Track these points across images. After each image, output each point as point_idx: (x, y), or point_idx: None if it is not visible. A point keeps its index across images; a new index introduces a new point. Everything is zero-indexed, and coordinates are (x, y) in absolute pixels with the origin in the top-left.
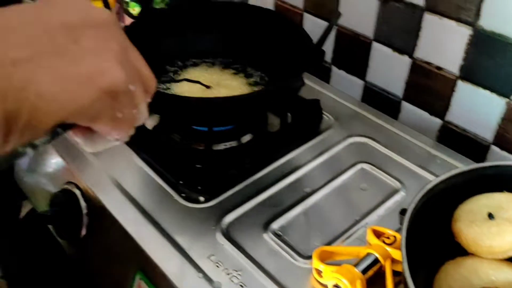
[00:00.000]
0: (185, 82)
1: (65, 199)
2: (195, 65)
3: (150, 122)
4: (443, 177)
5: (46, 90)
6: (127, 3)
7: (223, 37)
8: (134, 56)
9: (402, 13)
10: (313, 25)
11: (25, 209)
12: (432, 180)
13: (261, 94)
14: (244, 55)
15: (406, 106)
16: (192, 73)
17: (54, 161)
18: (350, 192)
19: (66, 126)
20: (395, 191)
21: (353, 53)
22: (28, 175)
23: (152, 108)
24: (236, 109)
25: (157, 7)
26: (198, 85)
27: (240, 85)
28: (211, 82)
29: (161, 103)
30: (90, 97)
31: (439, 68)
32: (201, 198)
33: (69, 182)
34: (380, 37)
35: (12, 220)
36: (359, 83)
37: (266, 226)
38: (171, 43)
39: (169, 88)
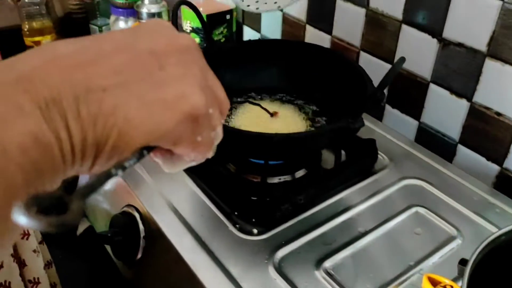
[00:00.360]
0: (243, 115)
1: (124, 221)
2: (253, 98)
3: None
4: (506, 229)
5: (133, 115)
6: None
7: (281, 73)
8: (212, 79)
9: (462, 57)
10: (369, 64)
11: (82, 226)
12: (495, 231)
13: (319, 134)
14: (302, 91)
15: (462, 150)
16: (249, 106)
17: (115, 183)
18: (404, 235)
19: (149, 148)
20: (451, 238)
21: (409, 93)
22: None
23: None
24: (293, 147)
25: (215, 38)
26: (255, 119)
27: (297, 120)
28: (267, 116)
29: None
30: (174, 121)
31: (498, 114)
32: (255, 231)
33: (129, 205)
34: (438, 79)
35: (69, 237)
36: (413, 123)
37: (318, 264)
38: (230, 77)
39: (227, 121)
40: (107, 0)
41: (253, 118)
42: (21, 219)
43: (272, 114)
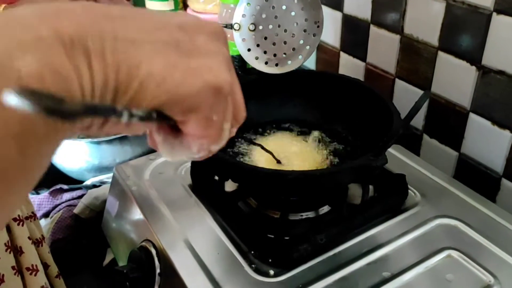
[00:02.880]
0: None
1: (142, 257)
2: (276, 129)
3: (230, 186)
4: None
5: (158, 72)
6: None
7: (306, 105)
8: (234, 76)
9: (504, 86)
10: (405, 92)
11: (109, 256)
12: None
13: (337, 172)
14: (328, 124)
15: (506, 184)
16: (271, 139)
17: (136, 218)
18: (434, 282)
19: (160, 115)
20: (487, 287)
21: (447, 122)
22: (115, 222)
23: (229, 174)
24: (310, 184)
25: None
26: (279, 152)
27: (318, 155)
28: (288, 150)
29: (234, 171)
30: (196, 87)
31: None
32: (271, 272)
33: (147, 240)
34: (478, 108)
35: (96, 266)
36: (453, 154)
37: None
38: (253, 108)
39: (247, 153)
40: None
41: (277, 151)
42: (13, 99)
43: (279, 161)
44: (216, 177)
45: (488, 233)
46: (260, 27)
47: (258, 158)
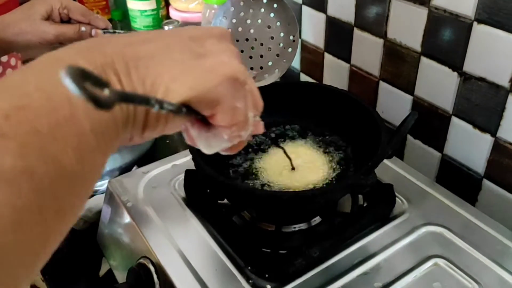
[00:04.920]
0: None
1: (140, 274)
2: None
3: None
4: None
5: (178, 75)
6: None
7: (295, 116)
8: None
9: (485, 92)
10: (389, 94)
11: (104, 266)
12: None
13: (329, 191)
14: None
15: (487, 185)
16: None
17: (133, 234)
18: None
19: (189, 109)
20: None
21: (431, 124)
22: (110, 236)
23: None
24: (303, 204)
25: None
26: (277, 164)
27: (321, 164)
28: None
29: (229, 192)
30: (216, 81)
31: None
32: (268, 287)
33: (145, 257)
34: (460, 112)
35: (92, 277)
36: (436, 155)
37: None
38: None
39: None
40: None
41: (275, 165)
42: (67, 79)
43: (294, 168)
44: (209, 191)
45: (471, 239)
46: (237, 41)
47: (261, 165)
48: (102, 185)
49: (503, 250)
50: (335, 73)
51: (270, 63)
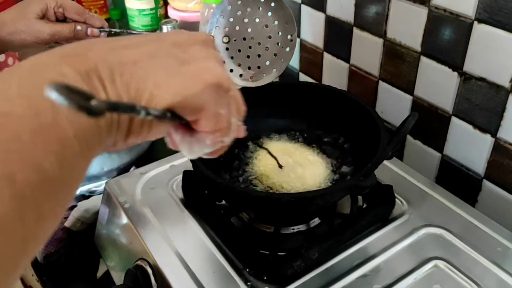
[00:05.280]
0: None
1: (138, 276)
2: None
3: None
4: None
5: (162, 81)
6: None
7: (295, 116)
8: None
9: (485, 92)
10: (388, 94)
11: (102, 267)
12: None
13: (329, 193)
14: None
15: (488, 185)
16: (274, 145)
17: (131, 235)
18: None
19: (173, 115)
20: None
21: (430, 125)
22: (108, 237)
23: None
24: (301, 205)
25: None
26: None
27: (318, 164)
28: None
29: (227, 194)
30: (199, 87)
31: None
32: None
33: (143, 259)
34: (460, 113)
35: (89, 277)
36: (436, 155)
37: None
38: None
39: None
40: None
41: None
42: (53, 94)
43: (281, 166)
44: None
45: (471, 240)
46: (234, 40)
47: (259, 163)
48: (99, 186)
49: (503, 252)
50: (334, 73)
51: (267, 63)
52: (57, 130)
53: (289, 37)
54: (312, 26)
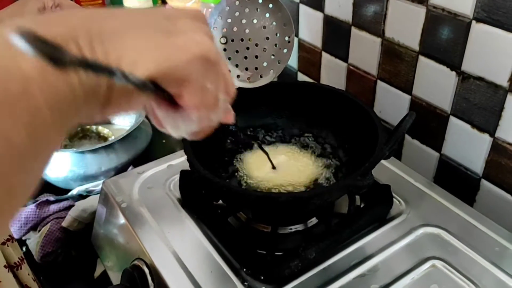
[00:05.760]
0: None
1: (135, 276)
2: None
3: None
4: None
5: (145, 50)
6: None
7: (293, 116)
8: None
9: (483, 92)
10: (387, 93)
11: (99, 267)
12: None
13: (326, 192)
14: (313, 133)
15: (486, 185)
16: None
17: (127, 235)
18: None
19: (156, 86)
20: None
21: (429, 124)
22: (105, 237)
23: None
24: (299, 205)
25: None
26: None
27: (309, 165)
28: (279, 162)
29: (224, 194)
30: (184, 58)
31: None
32: None
33: (139, 259)
34: (458, 112)
35: (87, 277)
36: (434, 155)
37: None
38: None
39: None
40: None
41: (265, 164)
42: (19, 40)
43: (275, 168)
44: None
45: (469, 240)
46: (232, 41)
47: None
48: (97, 185)
49: (501, 252)
50: (332, 72)
51: (265, 64)
52: (28, 99)
53: (286, 38)
54: (310, 25)
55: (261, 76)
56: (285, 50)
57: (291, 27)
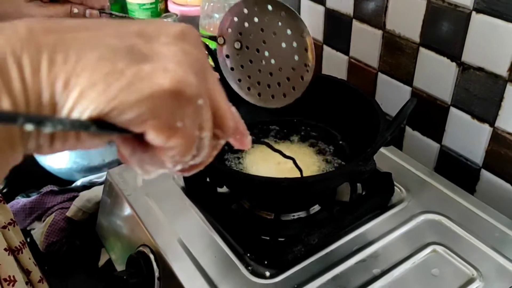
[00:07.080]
0: (259, 150)
1: (140, 262)
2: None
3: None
4: None
5: (99, 79)
6: None
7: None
8: (213, 83)
9: (483, 82)
10: (388, 86)
11: (104, 257)
12: None
13: (329, 178)
14: (318, 124)
15: (486, 175)
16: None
17: (132, 223)
18: (421, 277)
19: (110, 128)
20: (470, 280)
21: (429, 115)
22: (110, 225)
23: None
24: (303, 191)
25: None
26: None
27: (310, 157)
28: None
29: (228, 179)
30: (143, 92)
31: None
32: (267, 273)
33: (145, 245)
34: (458, 103)
35: (91, 267)
36: (435, 146)
37: None
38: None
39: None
40: None
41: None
42: None
43: (291, 157)
44: (208, 179)
45: (469, 227)
46: (247, 48)
47: (252, 162)
48: (100, 177)
49: (501, 237)
50: (334, 65)
51: (278, 85)
52: None
53: (305, 65)
54: (311, 19)
55: (272, 97)
56: (302, 78)
57: (312, 55)
